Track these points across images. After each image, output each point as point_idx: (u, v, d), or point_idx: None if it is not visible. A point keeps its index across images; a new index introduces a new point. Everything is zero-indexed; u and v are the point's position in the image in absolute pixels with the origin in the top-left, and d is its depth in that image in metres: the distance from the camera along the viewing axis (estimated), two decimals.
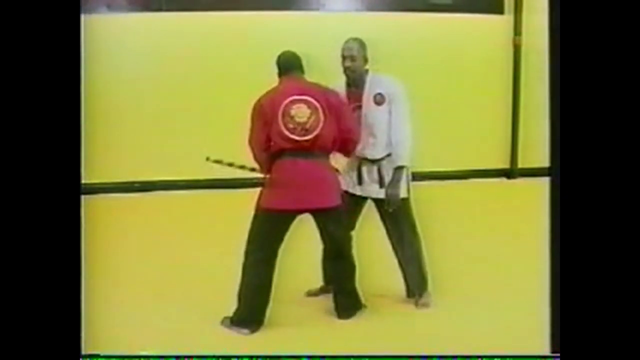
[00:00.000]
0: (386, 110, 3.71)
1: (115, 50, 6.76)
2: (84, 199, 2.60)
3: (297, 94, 3.50)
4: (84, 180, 2.61)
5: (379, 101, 3.70)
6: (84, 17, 2.58)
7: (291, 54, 3.65)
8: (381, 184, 3.76)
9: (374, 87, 3.72)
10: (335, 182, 3.68)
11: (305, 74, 3.66)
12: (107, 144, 6.48)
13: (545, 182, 2.70)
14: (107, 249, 4.37)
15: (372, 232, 3.96)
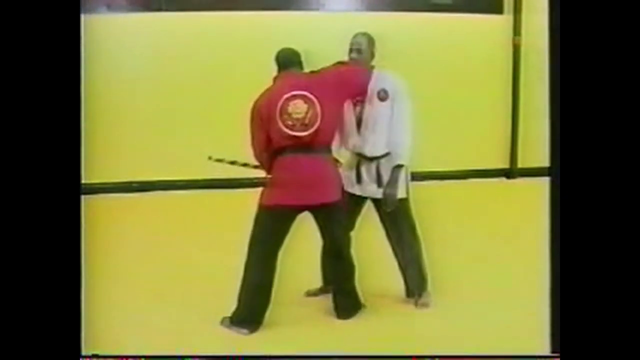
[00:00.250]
0: (389, 106, 3.70)
1: (114, 50, 6.76)
2: (84, 199, 2.60)
3: (293, 90, 3.50)
4: (84, 180, 2.61)
5: (382, 97, 3.70)
6: (83, 17, 2.58)
7: (290, 50, 3.65)
8: (379, 183, 3.75)
9: (378, 83, 3.71)
10: (336, 177, 3.68)
11: (304, 71, 3.65)
12: (107, 144, 6.47)
13: (544, 182, 2.70)
14: (107, 249, 4.37)
15: (371, 232, 3.96)
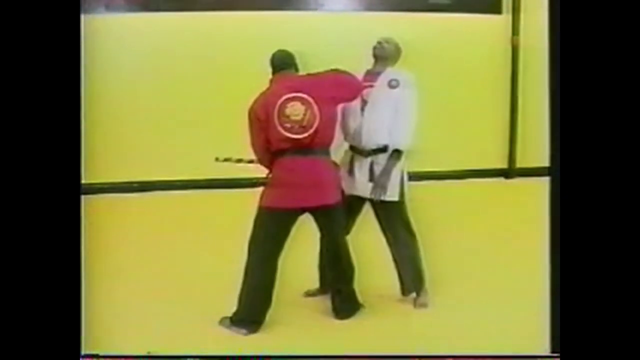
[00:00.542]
0: (398, 94, 3.72)
1: (113, 50, 6.75)
2: (83, 199, 2.60)
3: (289, 92, 3.49)
4: (84, 180, 2.61)
5: (393, 85, 3.72)
6: (83, 17, 2.58)
7: (284, 52, 3.64)
8: (371, 179, 3.76)
9: (391, 75, 3.76)
10: (335, 179, 3.68)
11: (299, 72, 3.65)
12: (107, 144, 6.47)
13: (543, 181, 2.70)
14: (107, 248, 4.37)
15: (371, 232, 3.96)
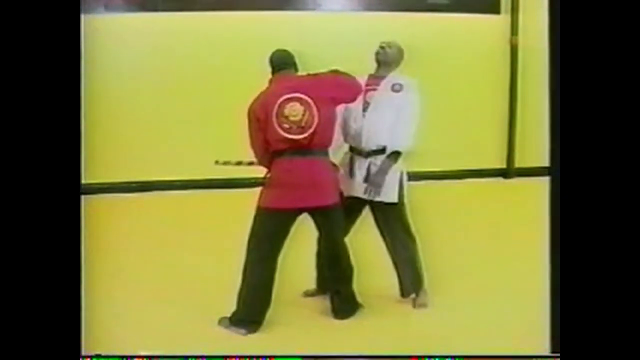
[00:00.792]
0: (400, 98, 3.72)
1: (112, 50, 6.75)
2: (83, 199, 2.60)
3: (288, 92, 3.48)
4: (84, 180, 2.61)
5: (396, 89, 3.73)
6: (83, 17, 2.58)
7: (283, 52, 3.64)
8: (367, 179, 3.76)
9: (394, 79, 3.76)
10: (334, 180, 3.67)
11: (299, 72, 3.65)
12: (107, 144, 6.47)
13: (542, 181, 2.71)
14: (107, 249, 4.37)
15: (370, 232, 3.96)
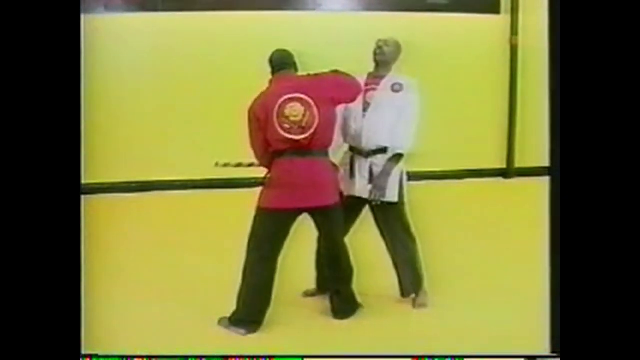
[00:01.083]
0: (400, 98, 3.72)
1: (112, 50, 6.75)
2: (83, 199, 2.60)
3: (289, 92, 3.48)
4: (84, 180, 2.61)
5: (396, 89, 3.73)
6: (83, 17, 2.58)
7: (283, 51, 3.63)
8: (371, 180, 3.76)
9: (394, 79, 3.76)
10: (334, 181, 3.67)
11: (299, 72, 3.65)
12: (107, 144, 6.47)
13: (542, 181, 2.71)
14: (107, 249, 4.37)
15: (370, 232, 3.96)
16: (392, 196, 3.76)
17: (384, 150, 3.74)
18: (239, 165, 3.83)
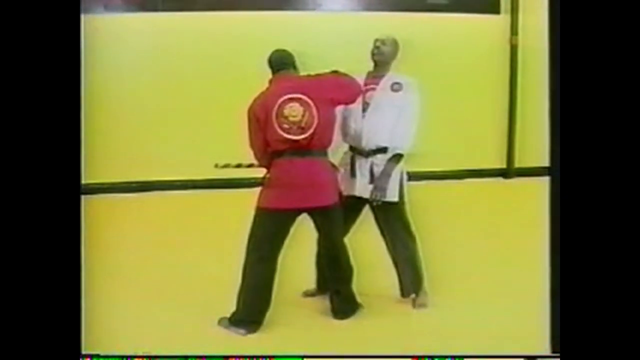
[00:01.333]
0: (400, 97, 3.72)
1: (112, 50, 6.75)
2: (83, 199, 2.60)
3: (288, 92, 3.48)
4: (84, 180, 2.61)
5: (396, 89, 3.72)
6: (83, 17, 2.58)
7: (283, 52, 3.64)
8: (372, 180, 3.76)
9: (393, 78, 3.76)
10: (333, 181, 3.67)
11: (299, 72, 3.65)
12: (107, 144, 6.48)
13: (542, 181, 2.71)
14: (107, 249, 4.37)
15: (370, 232, 3.96)
16: (392, 196, 3.76)
17: (384, 150, 3.74)
18: (239, 166, 3.83)
